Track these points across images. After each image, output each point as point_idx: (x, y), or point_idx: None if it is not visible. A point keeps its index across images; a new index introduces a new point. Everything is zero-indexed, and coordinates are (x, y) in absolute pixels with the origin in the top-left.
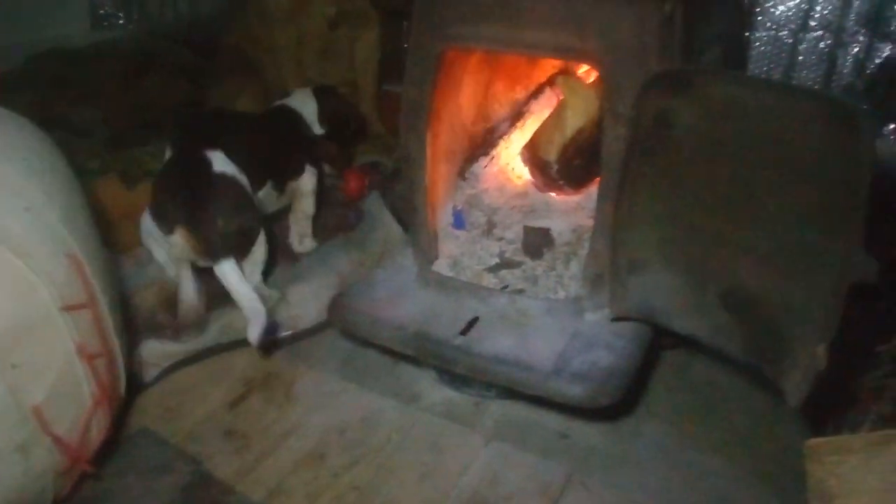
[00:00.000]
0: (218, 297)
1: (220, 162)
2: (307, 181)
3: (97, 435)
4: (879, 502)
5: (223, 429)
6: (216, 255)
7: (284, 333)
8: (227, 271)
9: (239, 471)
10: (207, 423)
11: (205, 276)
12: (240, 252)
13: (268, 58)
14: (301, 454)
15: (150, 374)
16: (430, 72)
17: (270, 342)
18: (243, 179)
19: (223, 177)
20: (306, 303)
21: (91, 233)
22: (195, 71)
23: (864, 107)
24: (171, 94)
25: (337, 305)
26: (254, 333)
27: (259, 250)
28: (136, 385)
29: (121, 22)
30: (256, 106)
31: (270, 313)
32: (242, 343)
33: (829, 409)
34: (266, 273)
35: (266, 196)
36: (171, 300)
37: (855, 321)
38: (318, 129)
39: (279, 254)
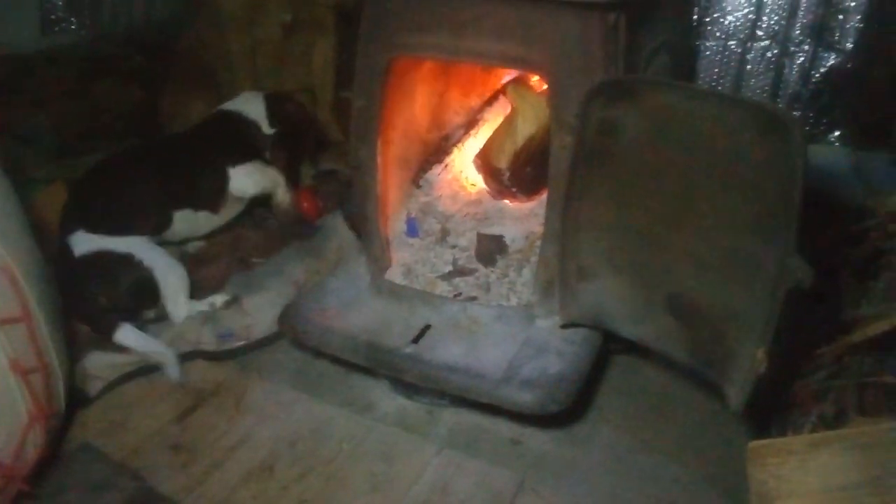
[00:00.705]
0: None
1: (81, 243)
2: (243, 183)
3: (33, 452)
4: (818, 503)
5: (170, 443)
6: (105, 332)
7: (237, 343)
8: (123, 339)
9: (185, 486)
10: (153, 438)
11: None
12: (146, 303)
13: (222, 64)
14: (250, 467)
15: (94, 387)
16: (378, 80)
17: (224, 353)
18: (117, 243)
19: (86, 258)
20: (261, 312)
21: (27, 243)
22: (148, 76)
23: (796, 115)
24: (123, 99)
25: (288, 315)
26: (172, 374)
27: (169, 283)
28: (79, 399)
29: (73, 27)
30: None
31: (219, 320)
32: (193, 354)
33: (773, 412)
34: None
35: (187, 221)
36: None
37: (797, 325)
38: (266, 130)
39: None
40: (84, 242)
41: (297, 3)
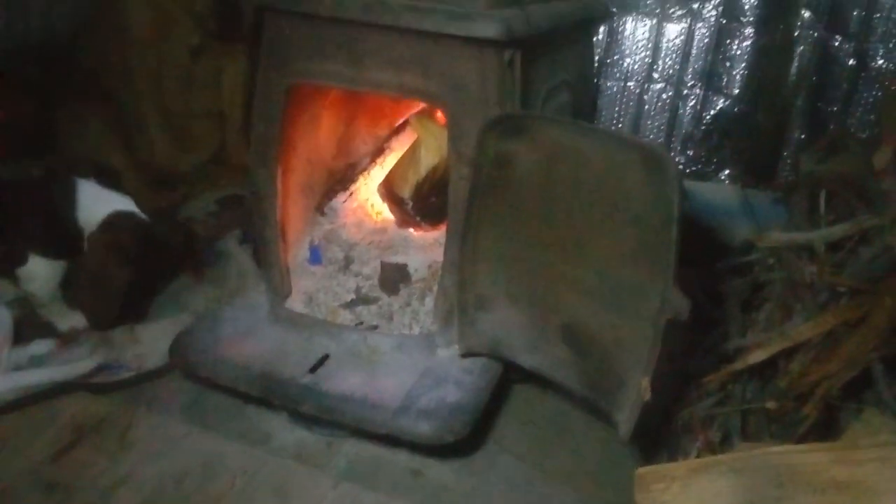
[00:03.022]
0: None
1: None
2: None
3: None
4: None
5: (44, 482)
6: None
7: (126, 374)
8: None
9: None
10: (26, 477)
11: None
12: None
13: (124, 83)
14: None
15: None
16: (277, 106)
17: (110, 385)
18: None
19: None
20: (154, 341)
21: None
22: (42, 90)
23: (673, 155)
24: (16, 114)
25: (179, 344)
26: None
27: None
28: None
29: None
30: (107, 133)
31: (108, 349)
32: (76, 386)
33: (664, 438)
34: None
35: None
36: None
37: (686, 353)
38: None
39: None
40: None
41: (206, 26)
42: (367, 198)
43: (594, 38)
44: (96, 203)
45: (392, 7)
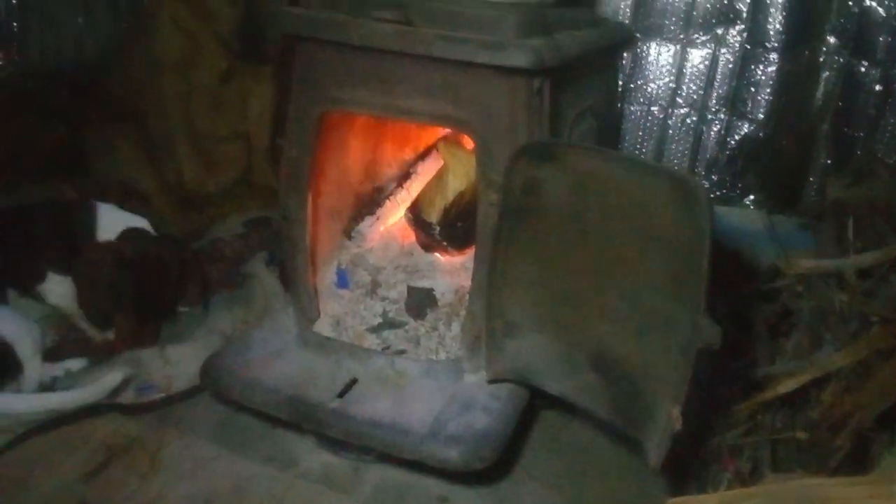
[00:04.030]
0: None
1: None
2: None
3: None
4: None
5: (76, 502)
6: None
7: (156, 395)
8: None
9: None
10: (58, 497)
11: None
12: (8, 373)
13: (154, 107)
14: None
15: None
16: (309, 133)
17: (141, 406)
18: None
19: None
20: (184, 363)
21: None
22: (73, 114)
23: (704, 183)
24: (47, 136)
25: (210, 367)
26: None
27: (24, 347)
28: None
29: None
30: (136, 155)
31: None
32: (107, 408)
33: (693, 467)
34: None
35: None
36: None
37: (714, 381)
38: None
39: None
40: None
41: (231, 48)
42: (393, 222)
43: (619, 63)
44: (114, 224)
45: (423, 36)
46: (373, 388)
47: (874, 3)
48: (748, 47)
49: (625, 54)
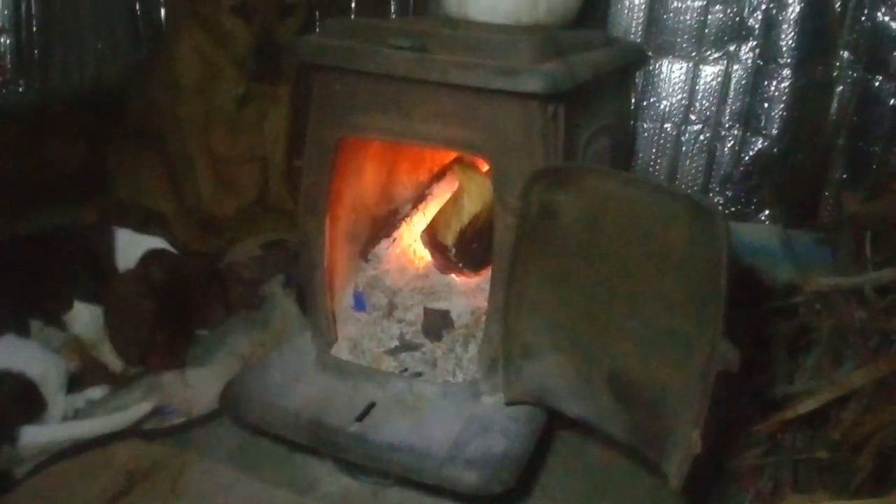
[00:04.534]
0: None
1: None
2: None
3: None
4: None
5: None
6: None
7: (177, 419)
8: (24, 448)
9: None
10: None
11: None
12: (33, 411)
13: (173, 129)
14: None
15: (22, 469)
16: (327, 158)
17: (162, 430)
18: None
19: None
20: (203, 384)
21: None
22: (95, 136)
23: (720, 206)
24: (68, 158)
25: (230, 391)
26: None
27: (49, 384)
28: (4, 483)
29: (21, 87)
30: (155, 178)
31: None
32: (126, 433)
33: (713, 487)
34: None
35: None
36: None
37: (733, 400)
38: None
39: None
40: None
41: (247, 70)
42: (409, 243)
43: (632, 82)
44: (133, 248)
45: (440, 63)
46: (391, 411)
47: (887, 18)
48: (761, 63)
49: (637, 72)
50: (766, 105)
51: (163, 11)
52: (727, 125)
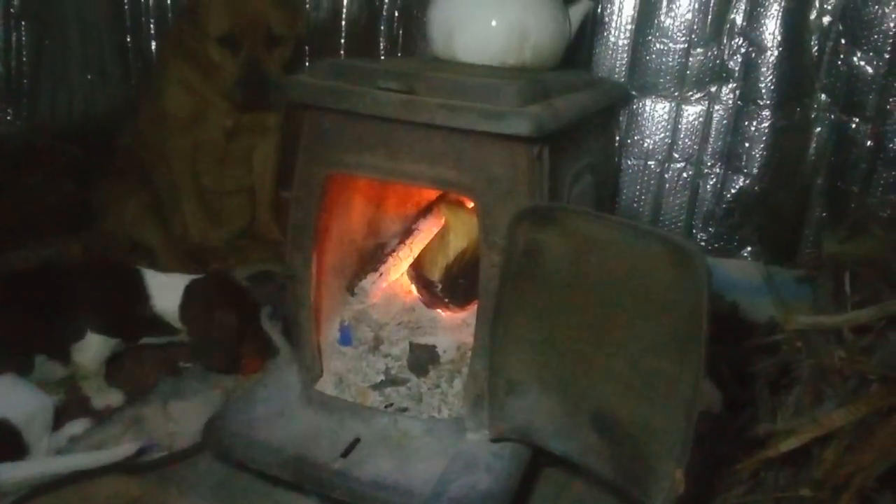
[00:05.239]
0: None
1: None
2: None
3: None
4: None
5: None
6: None
7: (158, 454)
8: (2, 484)
9: None
10: None
11: None
12: (12, 458)
13: (161, 162)
14: None
15: None
16: (315, 194)
17: (144, 465)
18: None
19: None
20: (186, 418)
21: None
22: (83, 170)
23: (701, 248)
24: (54, 193)
25: (212, 426)
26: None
27: (33, 430)
28: None
29: (8, 118)
30: (143, 211)
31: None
32: (110, 468)
33: None
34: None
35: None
36: None
37: (714, 435)
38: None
39: None
40: None
41: (235, 102)
42: (396, 278)
43: (616, 121)
44: (164, 287)
45: (426, 105)
46: (376, 448)
47: (863, 63)
48: (741, 104)
49: (622, 111)
50: (746, 144)
51: (153, 45)
52: (709, 163)
